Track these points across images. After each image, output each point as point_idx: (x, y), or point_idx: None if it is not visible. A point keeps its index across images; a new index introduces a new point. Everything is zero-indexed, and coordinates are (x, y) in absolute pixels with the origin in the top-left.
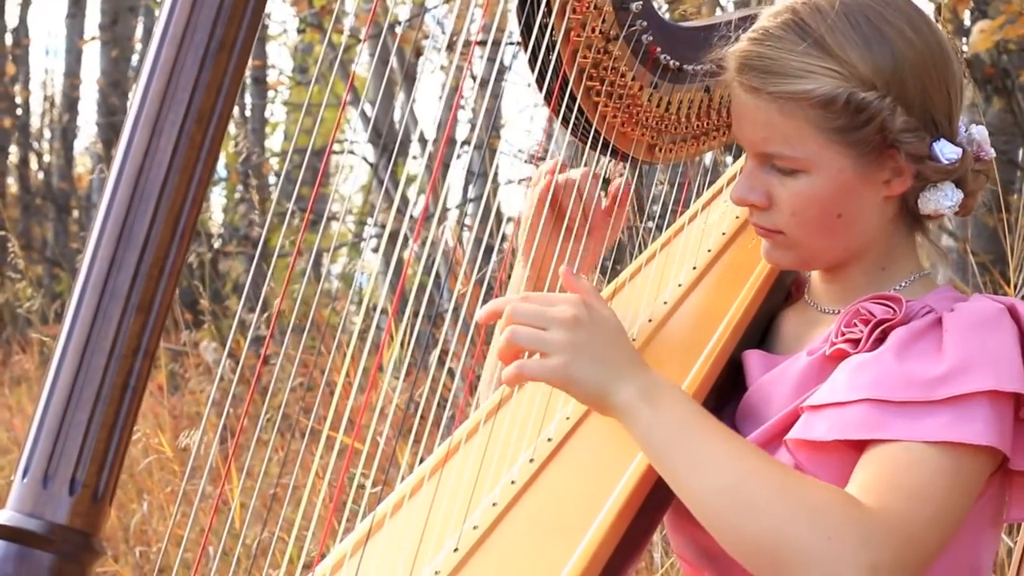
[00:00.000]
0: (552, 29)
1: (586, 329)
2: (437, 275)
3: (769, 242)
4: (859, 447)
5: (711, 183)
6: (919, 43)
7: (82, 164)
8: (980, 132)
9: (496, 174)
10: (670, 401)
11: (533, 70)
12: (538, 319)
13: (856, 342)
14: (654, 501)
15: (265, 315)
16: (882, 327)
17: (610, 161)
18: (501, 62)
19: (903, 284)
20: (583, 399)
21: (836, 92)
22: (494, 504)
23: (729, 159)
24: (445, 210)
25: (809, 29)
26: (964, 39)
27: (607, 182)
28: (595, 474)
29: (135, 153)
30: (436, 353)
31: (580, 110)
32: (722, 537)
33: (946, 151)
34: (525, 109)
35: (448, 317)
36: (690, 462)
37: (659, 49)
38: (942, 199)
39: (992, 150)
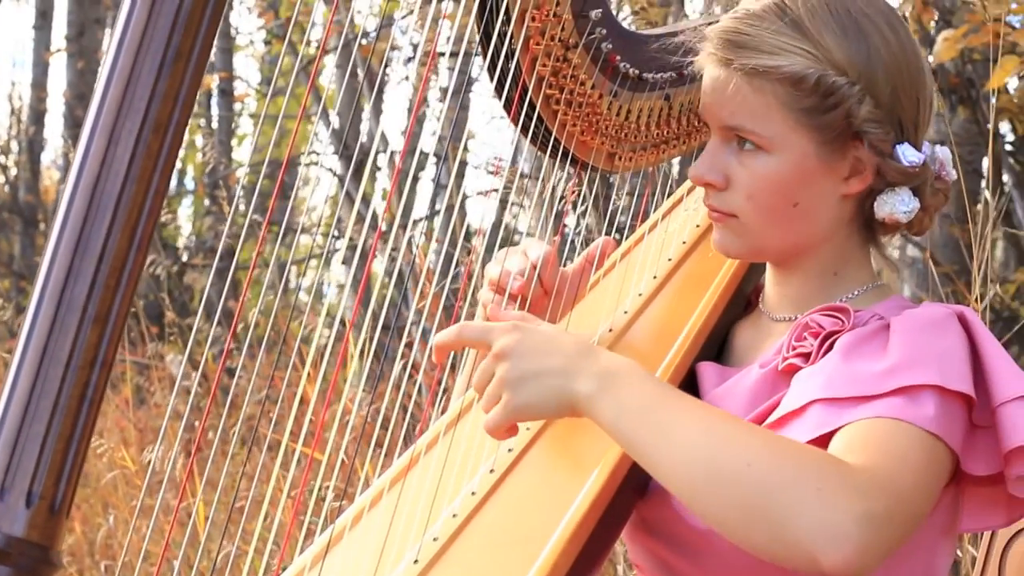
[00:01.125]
0: (511, 37)
1: (511, 355)
2: (403, 287)
3: (721, 227)
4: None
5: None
6: (895, 45)
7: (49, 177)
8: (944, 152)
9: (463, 186)
10: (631, 384)
11: (492, 78)
12: (484, 375)
13: (807, 356)
14: (615, 511)
15: (234, 327)
16: (831, 339)
17: (567, 186)
18: (468, 74)
19: (856, 293)
20: (552, 416)
21: (807, 71)
22: (454, 515)
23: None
24: (413, 222)
25: (789, 11)
26: (929, 49)
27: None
28: (555, 484)
29: (92, 163)
30: (398, 365)
31: (540, 118)
32: (709, 513)
33: (908, 154)
34: (493, 120)
35: (408, 326)
36: (662, 441)
37: (619, 57)
38: (898, 203)
39: (954, 172)
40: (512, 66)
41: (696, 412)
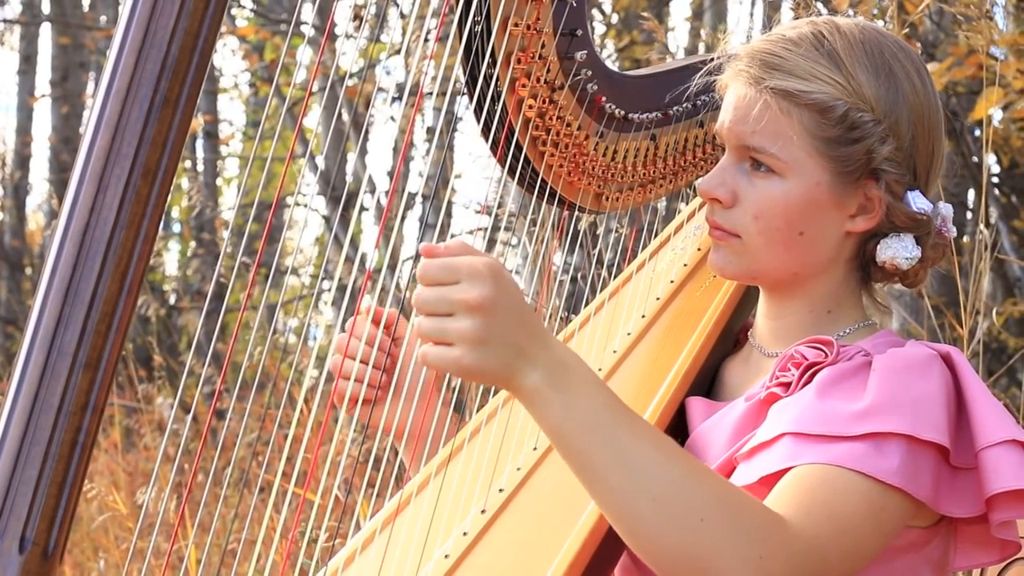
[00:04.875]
0: (497, 79)
1: (491, 311)
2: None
3: (722, 246)
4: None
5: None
6: (922, 93)
7: (34, 221)
8: (947, 209)
9: (450, 225)
10: (582, 388)
11: (479, 121)
12: (442, 305)
13: (787, 385)
14: (606, 550)
15: (224, 369)
16: (812, 370)
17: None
18: (453, 113)
19: (847, 331)
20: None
21: (836, 102)
22: (446, 556)
23: (683, 205)
24: (400, 262)
25: (826, 42)
26: None
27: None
28: (547, 524)
29: (81, 209)
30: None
31: (527, 160)
32: (643, 546)
33: (918, 201)
34: (479, 159)
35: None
36: (614, 463)
37: (604, 98)
38: (901, 249)
39: (954, 230)
40: (498, 108)
41: (654, 442)
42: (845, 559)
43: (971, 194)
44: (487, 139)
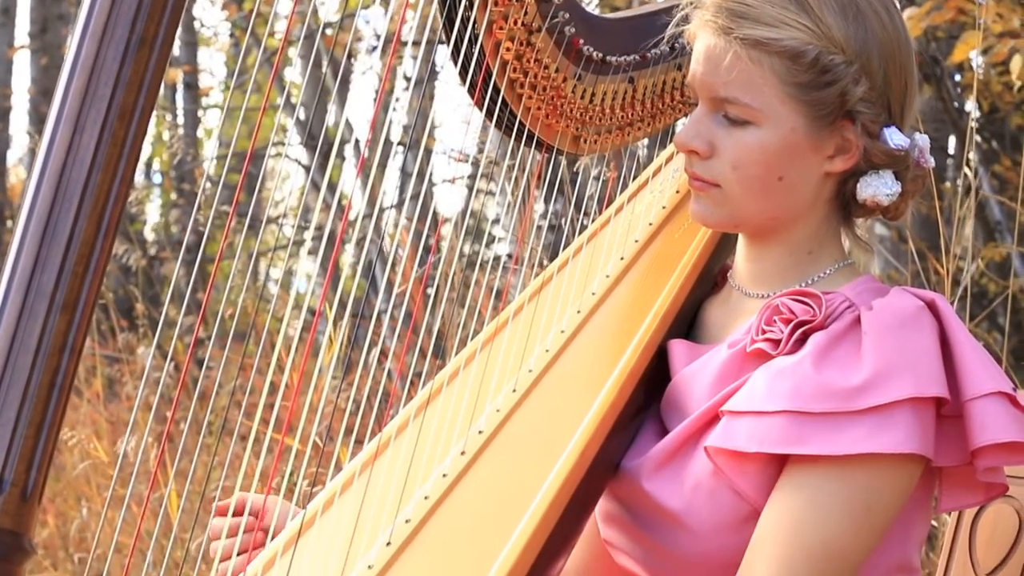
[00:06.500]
0: (474, 22)
1: None
2: (373, 276)
3: (702, 196)
4: (779, 457)
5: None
6: (891, 29)
7: (15, 175)
8: (923, 140)
9: (431, 174)
10: None
11: (456, 63)
12: None
13: (776, 343)
14: (586, 492)
15: (202, 313)
16: (802, 328)
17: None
18: (433, 62)
19: (827, 271)
20: None
21: (806, 47)
22: (426, 498)
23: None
24: (381, 210)
25: None
26: None
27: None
28: (526, 465)
29: (57, 151)
30: (365, 351)
31: (504, 103)
32: None
33: (895, 137)
34: (459, 108)
35: (376, 312)
36: None
37: (582, 41)
38: (881, 186)
39: (932, 159)
40: (476, 51)
41: None
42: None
43: (952, 140)
44: (464, 82)
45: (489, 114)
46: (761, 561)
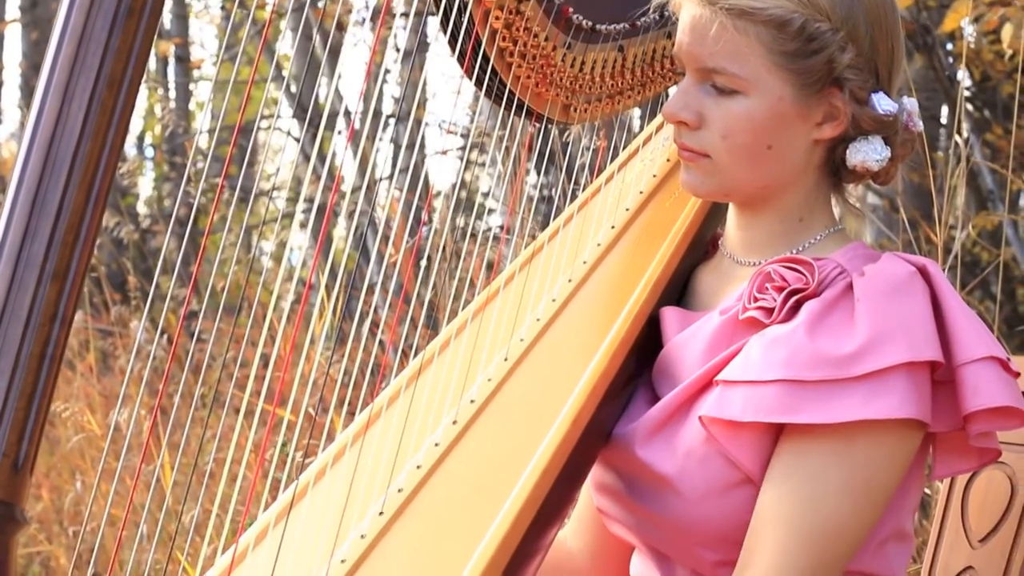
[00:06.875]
0: None
1: None
2: (365, 247)
3: (692, 166)
4: (774, 426)
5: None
6: None
7: (7, 149)
8: (912, 104)
9: (423, 145)
10: None
11: (446, 32)
12: None
13: (769, 311)
14: (578, 459)
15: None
16: (795, 297)
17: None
18: (424, 33)
19: (818, 238)
20: None
21: (792, 16)
22: (418, 467)
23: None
24: (373, 182)
25: None
26: None
27: None
28: (518, 433)
29: (46, 120)
30: (356, 322)
31: (494, 71)
32: None
33: (883, 103)
34: (451, 80)
35: (367, 283)
36: None
37: (571, 9)
38: (871, 152)
39: (920, 123)
40: (465, 20)
41: None
42: (847, 553)
43: (944, 108)
44: (454, 51)
45: (479, 83)
46: (762, 546)
